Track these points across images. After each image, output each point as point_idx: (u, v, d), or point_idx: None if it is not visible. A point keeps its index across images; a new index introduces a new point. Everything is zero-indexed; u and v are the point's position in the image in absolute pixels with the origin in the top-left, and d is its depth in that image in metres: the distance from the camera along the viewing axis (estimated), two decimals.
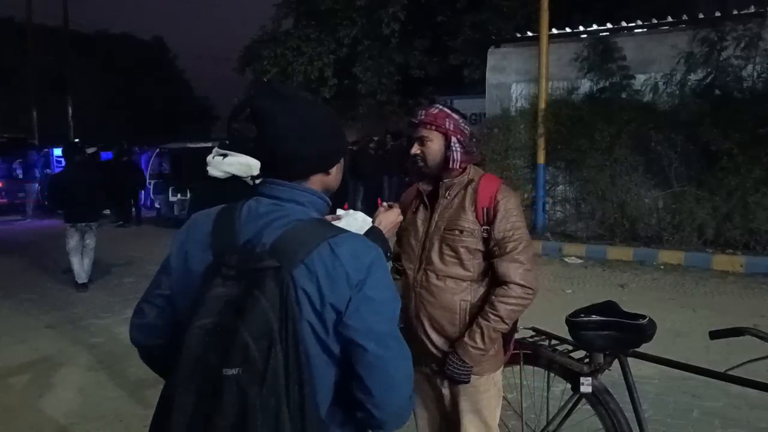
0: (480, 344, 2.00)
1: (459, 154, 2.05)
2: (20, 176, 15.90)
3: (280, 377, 1.05)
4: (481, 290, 2.07)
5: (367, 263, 1.17)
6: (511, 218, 2.03)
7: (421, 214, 2.17)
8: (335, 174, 1.33)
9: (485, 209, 2.04)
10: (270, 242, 1.16)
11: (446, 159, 2.06)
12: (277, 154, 1.25)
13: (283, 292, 1.08)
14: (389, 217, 1.85)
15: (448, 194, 2.11)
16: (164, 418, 1.09)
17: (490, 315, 2.00)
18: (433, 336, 2.09)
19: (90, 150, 14.51)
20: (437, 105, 2.14)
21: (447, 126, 2.06)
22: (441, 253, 2.07)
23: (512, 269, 2.00)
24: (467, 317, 2.05)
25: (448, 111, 2.09)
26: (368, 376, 1.16)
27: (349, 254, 1.16)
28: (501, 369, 2.18)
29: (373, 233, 1.80)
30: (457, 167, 2.08)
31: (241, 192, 1.61)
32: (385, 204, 1.94)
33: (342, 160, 1.35)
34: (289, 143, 1.23)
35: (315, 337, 1.15)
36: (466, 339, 2.02)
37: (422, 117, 2.08)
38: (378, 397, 1.17)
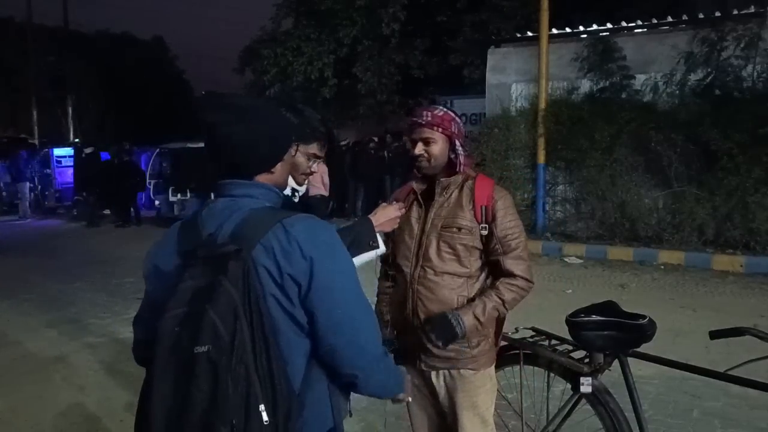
0: (480, 315, 2.04)
1: (462, 157, 2.12)
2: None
3: (248, 347, 1.15)
4: (478, 286, 2.13)
5: (319, 238, 1.28)
6: (509, 216, 2.10)
7: (414, 212, 2.19)
8: (280, 172, 1.43)
9: (483, 207, 2.08)
10: (229, 231, 1.28)
11: (450, 161, 2.11)
12: (219, 159, 1.37)
13: (244, 271, 1.19)
14: (387, 212, 1.95)
15: (445, 193, 2.14)
16: (147, 403, 1.19)
17: (493, 295, 2.07)
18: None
19: (87, 150, 14.52)
20: (440, 106, 2.16)
21: (453, 129, 2.10)
22: (439, 250, 2.10)
23: (516, 265, 2.08)
24: None
25: (453, 114, 2.13)
26: (335, 342, 1.27)
27: (302, 230, 1.27)
28: (494, 364, 2.22)
29: (362, 221, 1.84)
30: (462, 170, 2.13)
31: None
32: (393, 202, 1.99)
33: (287, 159, 1.44)
34: (229, 150, 1.35)
35: (281, 310, 1.26)
36: (468, 307, 2.05)
37: (428, 118, 2.09)
38: (348, 359, 1.29)
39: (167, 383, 1.15)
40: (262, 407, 1.13)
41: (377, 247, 1.86)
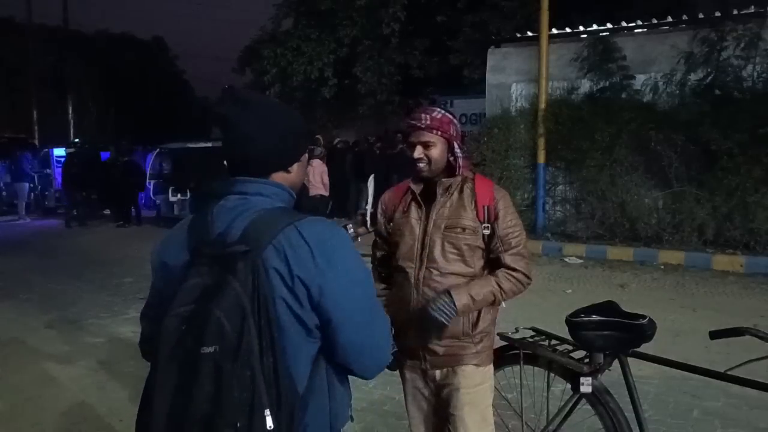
0: (474, 294, 2.05)
1: (461, 159, 2.12)
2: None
3: (254, 350, 1.13)
4: None
5: (331, 243, 1.26)
6: (510, 215, 2.13)
7: (414, 213, 2.18)
8: (296, 172, 1.42)
9: (486, 207, 2.10)
10: (240, 231, 1.24)
11: (449, 163, 2.12)
12: (236, 155, 1.35)
13: (254, 272, 1.17)
14: None
15: (447, 193, 2.15)
16: (149, 401, 1.18)
17: (492, 280, 2.09)
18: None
19: (70, 150, 14.48)
20: (437, 108, 2.16)
21: (451, 132, 2.11)
22: (443, 251, 2.10)
23: (516, 261, 2.11)
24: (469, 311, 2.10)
25: (450, 116, 2.14)
26: (349, 346, 1.27)
27: (314, 235, 1.24)
28: (492, 362, 2.23)
29: None
30: (460, 172, 2.14)
31: None
32: (351, 230, 1.92)
33: (304, 159, 1.44)
34: (246, 145, 1.33)
35: (290, 313, 1.23)
36: (464, 286, 2.07)
37: (427, 121, 2.08)
38: (360, 361, 1.31)
39: (170, 382, 1.14)
40: (267, 411, 1.12)
41: None
